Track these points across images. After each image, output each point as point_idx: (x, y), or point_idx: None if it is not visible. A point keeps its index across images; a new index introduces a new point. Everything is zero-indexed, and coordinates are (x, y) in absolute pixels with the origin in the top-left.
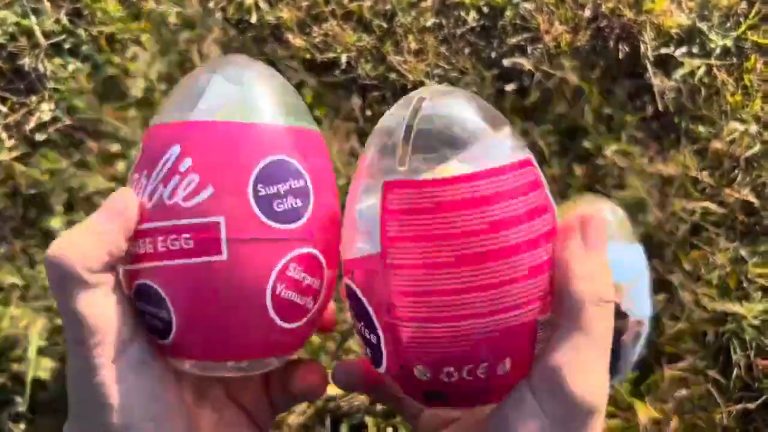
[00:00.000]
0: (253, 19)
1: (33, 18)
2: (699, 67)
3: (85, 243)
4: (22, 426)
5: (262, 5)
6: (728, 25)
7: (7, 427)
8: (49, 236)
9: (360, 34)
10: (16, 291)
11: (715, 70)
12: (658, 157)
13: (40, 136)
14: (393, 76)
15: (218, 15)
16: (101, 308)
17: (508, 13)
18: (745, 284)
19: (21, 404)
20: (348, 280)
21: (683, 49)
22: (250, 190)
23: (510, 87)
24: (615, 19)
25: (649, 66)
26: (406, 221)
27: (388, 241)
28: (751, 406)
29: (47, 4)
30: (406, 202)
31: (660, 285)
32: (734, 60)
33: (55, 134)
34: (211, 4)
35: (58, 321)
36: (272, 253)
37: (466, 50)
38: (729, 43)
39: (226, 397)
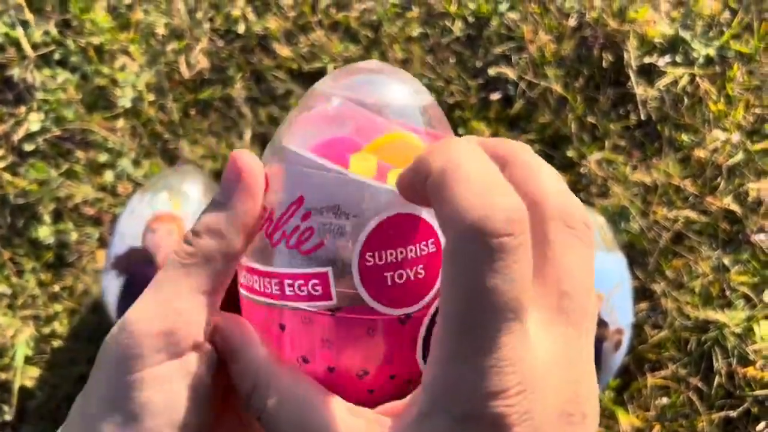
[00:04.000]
0: (241, 29)
1: (20, 29)
2: (682, 76)
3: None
4: None
5: (250, 16)
6: (711, 34)
7: None
8: (36, 245)
9: (347, 44)
10: (3, 300)
11: (698, 79)
12: (641, 165)
13: (28, 147)
14: None
15: (206, 26)
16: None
17: (494, 23)
18: (727, 292)
19: (7, 413)
20: None
21: (666, 58)
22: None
23: (495, 96)
24: (599, 28)
25: (632, 75)
26: None
27: None
28: (733, 413)
29: (35, 16)
30: None
31: (642, 293)
32: (717, 69)
33: (43, 144)
34: (198, 15)
35: (45, 330)
36: None
37: (452, 60)
38: (712, 52)
39: None
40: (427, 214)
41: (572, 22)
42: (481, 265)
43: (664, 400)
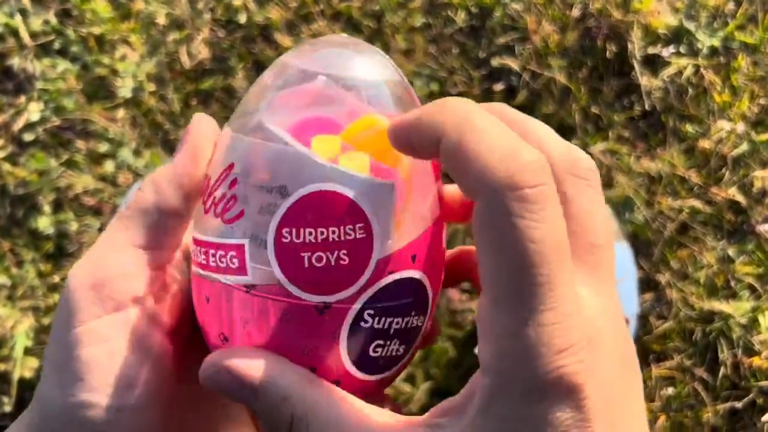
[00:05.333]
0: (242, 19)
1: (19, 17)
2: (686, 67)
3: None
4: (9, 425)
5: (251, 6)
6: (715, 24)
7: None
8: (36, 236)
9: (349, 33)
10: (3, 291)
11: (702, 69)
12: (645, 155)
13: (28, 136)
14: None
15: (207, 15)
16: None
17: (497, 13)
18: (732, 283)
19: (7, 404)
20: (407, 269)
21: (671, 49)
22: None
23: (498, 87)
24: (603, 19)
25: (636, 65)
26: None
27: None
28: (738, 404)
29: (35, 5)
30: None
31: (647, 284)
32: (721, 59)
33: (43, 134)
34: (200, 5)
35: (45, 321)
36: None
37: (455, 50)
38: (716, 42)
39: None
40: (358, 196)
41: (576, 12)
42: (521, 220)
43: (669, 391)
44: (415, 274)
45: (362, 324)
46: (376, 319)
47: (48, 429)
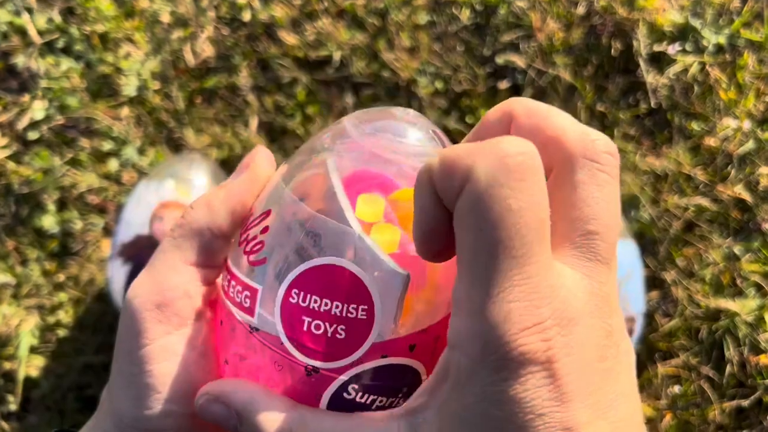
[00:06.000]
0: (246, 17)
1: (26, 15)
2: (692, 64)
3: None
4: (14, 424)
5: (255, 3)
6: (721, 22)
7: None
8: (41, 234)
9: (353, 31)
10: (8, 289)
11: (708, 67)
12: (651, 153)
13: (32, 135)
14: (386, 73)
15: (211, 13)
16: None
17: (502, 10)
18: (738, 281)
19: (12, 403)
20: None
21: (676, 46)
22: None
23: (503, 84)
24: (608, 16)
25: (642, 63)
26: None
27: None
28: (745, 402)
29: (38, 3)
30: None
31: (653, 282)
32: (727, 57)
33: (47, 133)
34: (204, 3)
35: (50, 319)
36: None
37: (460, 48)
38: (722, 40)
39: None
40: (371, 279)
41: (581, 9)
42: (501, 188)
43: (676, 389)
44: (412, 363)
45: (345, 395)
46: (359, 393)
47: None
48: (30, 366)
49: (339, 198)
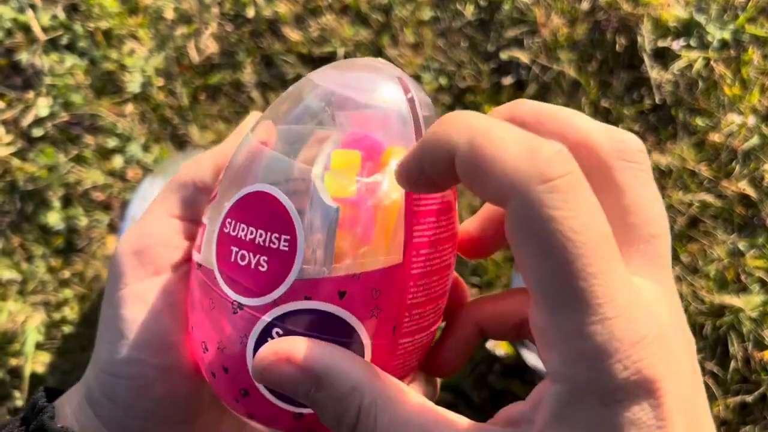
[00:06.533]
0: (250, 13)
1: (30, 12)
2: (696, 60)
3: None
4: None
5: (259, 0)
6: (726, 17)
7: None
8: (46, 231)
9: (357, 27)
10: (14, 286)
11: (712, 62)
12: (655, 149)
13: (37, 132)
14: None
15: (215, 10)
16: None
17: (506, 6)
18: (742, 277)
19: (18, 399)
20: (326, 301)
21: (681, 42)
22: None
23: (507, 80)
24: (612, 11)
25: (646, 59)
26: (431, 224)
27: (412, 247)
28: (749, 398)
29: (43, 0)
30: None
31: None
32: (732, 52)
33: (52, 129)
34: (207, 0)
35: (56, 316)
36: None
37: (464, 44)
38: (727, 35)
39: None
40: (296, 208)
41: (585, 5)
42: (557, 211)
43: None
44: (342, 313)
45: (269, 339)
46: None
47: (99, 383)
48: (36, 362)
49: (271, 151)
